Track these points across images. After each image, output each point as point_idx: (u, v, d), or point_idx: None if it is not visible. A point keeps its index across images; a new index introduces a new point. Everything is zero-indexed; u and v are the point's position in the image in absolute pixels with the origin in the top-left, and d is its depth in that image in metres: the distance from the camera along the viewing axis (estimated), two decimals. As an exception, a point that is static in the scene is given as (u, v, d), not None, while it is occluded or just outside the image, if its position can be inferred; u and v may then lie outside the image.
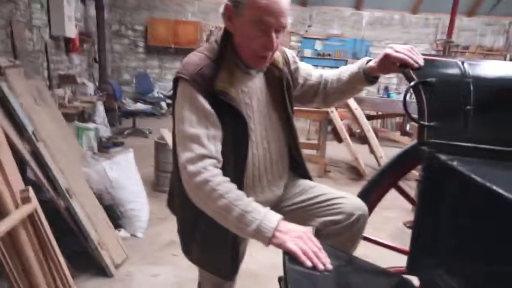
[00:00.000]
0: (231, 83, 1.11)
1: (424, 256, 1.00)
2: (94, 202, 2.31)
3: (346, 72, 1.29)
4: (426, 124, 1.00)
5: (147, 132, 5.47)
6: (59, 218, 2.00)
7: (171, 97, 1.16)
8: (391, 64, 1.16)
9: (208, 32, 7.39)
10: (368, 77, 1.24)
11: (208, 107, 1.06)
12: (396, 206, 1.87)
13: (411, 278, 1.03)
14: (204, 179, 1.01)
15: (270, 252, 1.50)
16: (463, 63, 1.08)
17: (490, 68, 1.14)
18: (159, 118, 6.62)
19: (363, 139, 4.32)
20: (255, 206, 0.99)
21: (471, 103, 1.01)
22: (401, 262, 1.30)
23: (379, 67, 1.19)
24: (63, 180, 2.08)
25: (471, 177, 0.83)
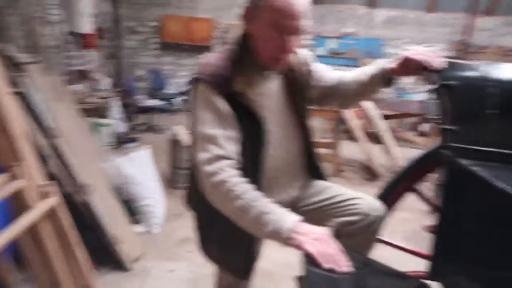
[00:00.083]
0: (248, 85, 1.12)
1: (447, 261, 1.00)
2: (112, 197, 2.35)
3: (364, 74, 1.28)
4: (448, 127, 1.00)
5: (161, 128, 5.51)
6: (78, 212, 2.04)
7: (188, 97, 1.17)
8: (412, 67, 1.15)
9: (221, 29, 7.39)
10: (386, 79, 1.24)
11: (225, 108, 1.07)
12: (411, 208, 1.85)
13: (429, 282, 1.03)
14: (220, 180, 1.02)
15: (284, 251, 1.51)
16: (485, 66, 1.07)
17: (513, 71, 1.13)
18: (173, 114, 6.65)
19: (377, 138, 4.29)
20: (272, 207, 1.00)
21: (494, 107, 1.00)
22: (417, 265, 1.30)
23: (400, 70, 1.19)
24: (82, 175, 2.12)
25: (492, 182, 0.82)
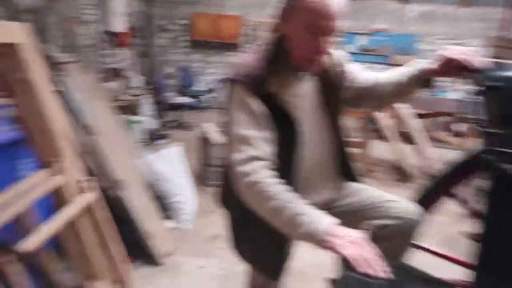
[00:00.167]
0: (283, 86, 1.12)
1: (492, 273, 0.96)
2: (144, 193, 2.41)
3: (400, 74, 1.25)
4: (493, 131, 0.96)
5: (191, 125, 5.59)
6: (112, 207, 2.10)
7: (222, 97, 1.17)
8: (452, 68, 1.11)
9: (249, 27, 7.40)
10: (425, 80, 1.20)
11: (260, 109, 1.07)
12: (445, 211, 1.79)
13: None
14: (255, 180, 1.02)
15: (316, 251, 1.49)
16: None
17: None
18: (202, 112, 6.73)
19: (409, 138, 4.18)
20: (307, 208, 0.99)
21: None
22: (453, 272, 1.26)
23: (439, 70, 1.15)
24: (117, 171, 2.18)
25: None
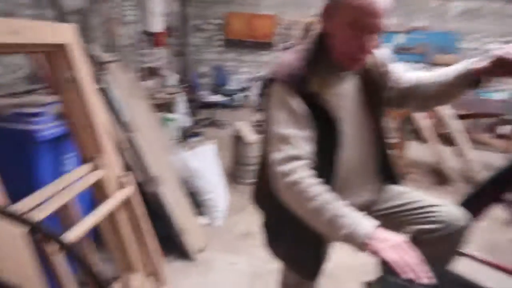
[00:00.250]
0: (324, 85, 1.10)
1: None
2: (179, 189, 2.45)
3: (446, 74, 1.18)
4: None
5: (223, 123, 5.65)
6: (147, 202, 2.15)
7: (262, 96, 1.17)
8: (506, 68, 1.03)
9: (283, 26, 7.37)
10: (473, 80, 1.13)
11: (301, 108, 1.06)
12: (488, 216, 1.69)
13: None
14: (294, 180, 1.01)
15: (347, 253, 1.46)
16: None
17: None
18: (235, 110, 6.79)
19: (449, 140, 4.00)
20: (348, 210, 0.97)
21: None
22: (501, 281, 1.19)
23: (491, 70, 1.07)
24: (153, 167, 2.23)
25: None
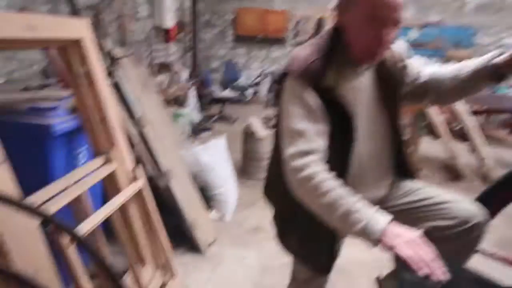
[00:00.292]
0: (339, 80, 1.09)
1: None
2: (189, 183, 2.47)
3: (467, 68, 1.16)
4: None
5: (234, 118, 5.66)
6: (158, 196, 2.17)
7: (274, 89, 1.16)
8: None
9: (295, 21, 7.34)
10: (496, 75, 1.10)
11: (315, 103, 1.05)
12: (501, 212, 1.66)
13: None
14: (308, 175, 1.00)
15: (358, 248, 1.45)
16: None
17: None
18: (245, 105, 6.80)
19: (462, 136, 3.94)
20: (362, 205, 0.96)
21: None
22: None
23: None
24: (165, 161, 2.25)
25: None
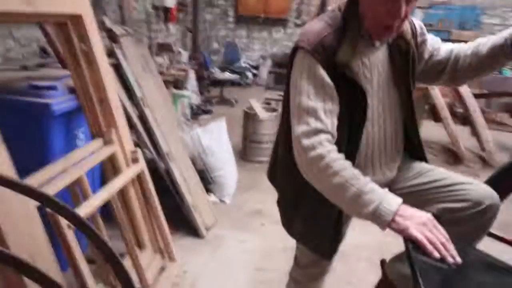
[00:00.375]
0: (352, 55, 1.02)
1: None
2: (189, 166, 2.46)
3: (485, 45, 1.10)
4: None
5: (233, 101, 5.61)
6: (157, 177, 2.15)
7: (286, 65, 1.10)
8: None
9: (298, 1, 7.20)
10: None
11: (327, 79, 1.00)
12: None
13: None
14: (318, 154, 0.96)
15: (358, 232, 1.44)
16: None
17: None
18: (245, 88, 6.74)
19: (464, 119, 3.91)
20: (373, 186, 0.93)
21: None
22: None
23: None
24: (165, 144, 2.23)
25: None
